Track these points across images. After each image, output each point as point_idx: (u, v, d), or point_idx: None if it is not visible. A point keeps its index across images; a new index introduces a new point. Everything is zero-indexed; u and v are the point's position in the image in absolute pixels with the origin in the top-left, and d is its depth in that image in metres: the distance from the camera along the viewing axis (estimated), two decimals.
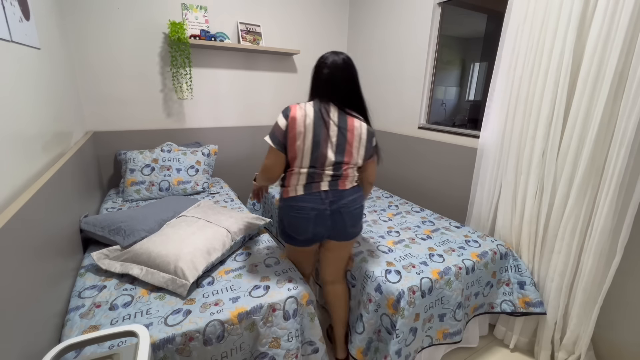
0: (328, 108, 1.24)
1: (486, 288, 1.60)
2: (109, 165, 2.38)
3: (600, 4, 1.30)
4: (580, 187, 1.43)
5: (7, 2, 1.04)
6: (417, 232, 1.79)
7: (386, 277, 1.36)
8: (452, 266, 1.45)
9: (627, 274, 1.46)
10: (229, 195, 2.28)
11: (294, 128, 1.21)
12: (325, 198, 1.27)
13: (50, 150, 1.35)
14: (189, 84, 2.42)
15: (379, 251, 1.56)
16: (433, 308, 1.39)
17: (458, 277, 1.44)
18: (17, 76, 1.10)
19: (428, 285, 1.36)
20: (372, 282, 1.38)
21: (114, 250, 1.38)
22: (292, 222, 1.32)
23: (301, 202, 1.27)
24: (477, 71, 3.65)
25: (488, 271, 1.58)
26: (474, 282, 1.53)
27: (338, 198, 1.28)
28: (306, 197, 1.27)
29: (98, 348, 0.94)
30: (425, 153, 2.40)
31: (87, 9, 2.07)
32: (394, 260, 1.49)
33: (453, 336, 1.43)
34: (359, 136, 1.27)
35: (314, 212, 1.27)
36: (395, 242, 1.66)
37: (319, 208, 1.27)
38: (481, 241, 1.69)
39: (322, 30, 2.97)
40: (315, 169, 1.26)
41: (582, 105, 1.39)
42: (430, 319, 1.40)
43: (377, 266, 1.43)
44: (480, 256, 1.56)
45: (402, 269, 1.42)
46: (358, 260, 1.50)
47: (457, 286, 1.43)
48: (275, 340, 1.16)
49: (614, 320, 1.54)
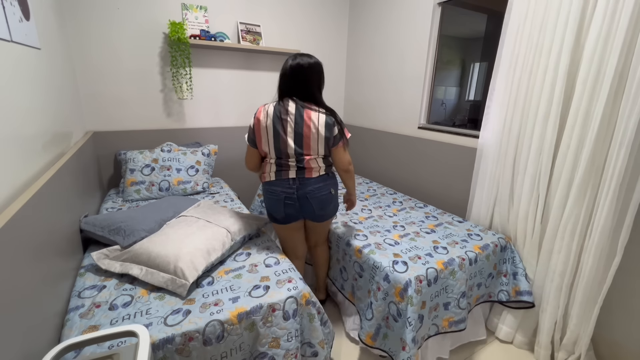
0: (287, 105, 1.41)
1: (488, 279, 1.67)
2: (109, 165, 2.39)
3: (599, 4, 1.30)
4: (580, 187, 1.43)
5: (7, 2, 1.04)
6: (422, 226, 1.86)
7: (394, 268, 1.43)
8: (456, 257, 1.52)
9: (628, 274, 1.46)
10: (229, 195, 2.28)
11: (259, 127, 1.45)
12: (292, 184, 1.48)
13: (50, 150, 1.35)
14: (189, 84, 2.42)
15: (386, 244, 1.64)
16: (438, 297, 1.46)
17: (462, 267, 1.50)
18: (17, 76, 1.10)
19: (434, 274, 1.42)
20: (381, 272, 1.45)
21: (114, 250, 1.38)
22: (268, 202, 1.57)
23: (273, 186, 1.51)
24: (477, 71, 3.65)
25: (490, 263, 1.64)
26: (477, 273, 1.60)
27: (304, 185, 1.47)
28: (277, 182, 1.49)
29: (98, 348, 0.94)
30: (425, 153, 2.40)
31: (87, 9, 2.07)
32: (400, 252, 1.56)
33: (458, 324, 1.49)
34: (316, 128, 1.40)
35: (282, 194, 1.49)
36: (401, 236, 1.73)
37: (287, 192, 1.49)
38: (483, 234, 1.76)
39: (322, 30, 2.97)
40: (281, 159, 1.46)
41: (581, 105, 1.39)
42: (436, 308, 1.46)
43: (385, 257, 1.51)
44: (482, 248, 1.62)
45: (408, 260, 1.49)
46: (367, 252, 1.57)
47: (461, 276, 1.49)
48: (275, 340, 1.16)
49: (614, 320, 1.54)
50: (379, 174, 2.91)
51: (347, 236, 1.72)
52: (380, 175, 2.89)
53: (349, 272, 1.68)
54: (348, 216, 1.98)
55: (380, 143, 2.84)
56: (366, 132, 3.00)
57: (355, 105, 3.15)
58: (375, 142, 2.90)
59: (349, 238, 1.70)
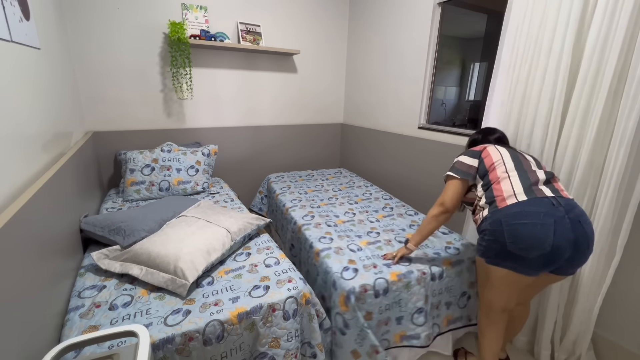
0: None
1: (461, 299, 1.53)
2: (109, 165, 2.39)
3: (599, 3, 1.30)
4: (580, 187, 1.43)
5: (7, 2, 1.04)
6: (399, 235, 1.75)
7: (341, 274, 1.37)
8: (416, 270, 1.41)
9: (627, 274, 1.46)
10: (229, 195, 2.28)
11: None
12: (556, 204, 1.10)
13: (50, 150, 1.35)
14: (189, 84, 2.42)
15: (348, 249, 1.56)
16: (390, 310, 1.37)
17: (420, 282, 1.40)
18: (17, 76, 1.10)
19: (383, 285, 1.34)
20: (330, 278, 1.39)
21: (114, 250, 1.38)
22: (522, 232, 1.09)
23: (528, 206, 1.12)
24: (477, 71, 3.65)
25: (462, 280, 1.52)
26: (443, 290, 1.48)
27: (572, 206, 1.12)
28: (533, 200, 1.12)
29: (98, 348, 0.94)
30: (425, 153, 2.40)
31: (87, 9, 2.07)
32: (358, 259, 1.48)
33: (410, 339, 1.40)
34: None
35: (549, 218, 1.08)
36: (370, 243, 1.64)
37: (556, 214, 1.08)
38: (463, 249, 1.61)
39: (322, 30, 2.97)
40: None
41: (580, 105, 1.39)
42: (387, 322, 1.38)
43: (338, 263, 1.44)
44: (454, 264, 1.50)
45: (362, 268, 1.41)
46: (323, 256, 1.51)
47: (418, 291, 1.39)
48: (275, 340, 1.16)
49: (614, 320, 1.54)
50: (378, 173, 2.91)
51: (312, 238, 1.68)
52: (380, 175, 2.89)
53: (312, 276, 1.60)
54: (326, 217, 1.93)
55: (380, 143, 2.84)
56: (366, 132, 3.00)
57: (355, 105, 3.15)
58: (375, 142, 2.90)
59: (314, 240, 1.65)
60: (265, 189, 2.68)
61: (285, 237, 2.05)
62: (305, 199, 2.24)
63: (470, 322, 1.59)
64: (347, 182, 2.70)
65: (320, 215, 1.97)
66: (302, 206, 2.11)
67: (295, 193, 2.37)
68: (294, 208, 2.08)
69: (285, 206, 2.15)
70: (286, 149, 3.10)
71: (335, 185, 2.59)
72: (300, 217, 1.94)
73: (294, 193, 2.37)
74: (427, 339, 1.41)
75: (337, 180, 2.74)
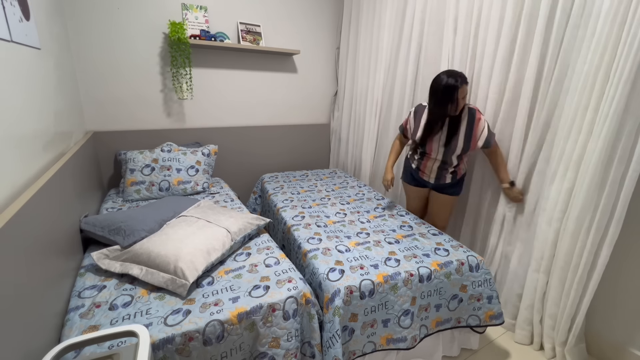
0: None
1: (452, 302, 1.49)
2: (109, 165, 2.39)
3: None
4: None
5: (7, 2, 1.04)
6: (389, 235, 1.71)
7: (327, 275, 1.35)
8: (403, 272, 1.39)
9: (618, 271, 1.50)
10: (229, 195, 2.28)
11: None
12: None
13: (50, 150, 1.35)
14: (189, 84, 2.42)
15: (336, 250, 1.54)
16: (376, 312, 1.34)
17: (407, 283, 1.37)
18: (17, 76, 1.10)
19: (369, 287, 1.31)
20: (317, 279, 1.38)
21: (114, 250, 1.38)
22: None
23: None
24: None
25: (452, 282, 1.47)
26: (432, 292, 1.44)
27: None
28: None
29: (98, 348, 0.94)
30: None
31: (87, 9, 2.07)
32: (345, 260, 1.46)
33: (397, 342, 1.38)
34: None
35: None
36: (359, 244, 1.61)
37: None
38: (452, 250, 1.57)
39: (322, 30, 2.97)
40: None
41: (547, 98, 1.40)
42: (373, 324, 1.35)
43: (324, 264, 1.42)
44: (441, 265, 1.46)
45: (348, 269, 1.39)
46: (310, 257, 1.50)
47: (405, 293, 1.37)
48: (275, 340, 1.16)
49: (604, 316, 1.57)
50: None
51: (301, 239, 1.66)
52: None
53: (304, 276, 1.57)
54: (317, 218, 1.92)
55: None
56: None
57: None
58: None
59: (302, 241, 1.64)
60: (259, 189, 2.66)
61: (276, 237, 2.03)
62: (297, 200, 2.22)
63: (460, 324, 1.54)
64: (340, 182, 2.67)
65: (311, 215, 1.95)
66: (294, 207, 2.09)
67: (288, 193, 2.35)
68: (284, 208, 2.06)
69: (276, 206, 2.13)
70: (286, 149, 3.10)
71: (329, 186, 2.56)
72: (290, 217, 1.92)
73: (287, 193, 2.35)
74: (413, 341, 1.39)
75: (331, 181, 2.70)
